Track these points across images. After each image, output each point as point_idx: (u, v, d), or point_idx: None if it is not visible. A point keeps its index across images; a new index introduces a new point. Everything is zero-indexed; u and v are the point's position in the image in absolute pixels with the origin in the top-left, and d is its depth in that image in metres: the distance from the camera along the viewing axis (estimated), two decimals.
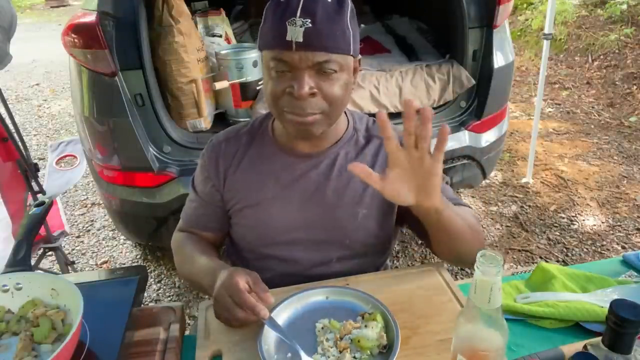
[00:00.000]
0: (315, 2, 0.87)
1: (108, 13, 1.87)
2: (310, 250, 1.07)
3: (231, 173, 1.08)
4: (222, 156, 1.09)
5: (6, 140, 1.96)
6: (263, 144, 1.09)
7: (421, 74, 2.28)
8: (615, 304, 0.63)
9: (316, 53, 0.88)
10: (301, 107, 0.92)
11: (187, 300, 2.35)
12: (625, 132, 3.99)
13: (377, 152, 1.07)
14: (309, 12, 0.86)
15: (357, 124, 1.11)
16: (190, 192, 1.17)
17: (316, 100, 0.92)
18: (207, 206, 1.13)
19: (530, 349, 0.84)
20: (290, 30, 0.86)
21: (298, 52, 0.87)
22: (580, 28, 5.40)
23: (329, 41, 0.88)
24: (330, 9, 0.88)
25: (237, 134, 1.12)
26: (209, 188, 1.11)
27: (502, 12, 2.19)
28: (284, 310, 0.90)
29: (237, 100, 2.18)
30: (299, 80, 0.89)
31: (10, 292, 0.87)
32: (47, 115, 5.11)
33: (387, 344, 0.82)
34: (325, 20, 0.87)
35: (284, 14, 0.87)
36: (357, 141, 1.08)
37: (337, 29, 0.88)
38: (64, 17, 8.76)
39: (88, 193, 3.41)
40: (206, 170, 1.11)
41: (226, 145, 1.10)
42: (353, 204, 1.04)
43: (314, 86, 0.90)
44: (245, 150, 1.09)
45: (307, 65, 0.89)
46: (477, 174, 2.38)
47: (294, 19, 0.86)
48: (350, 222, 1.05)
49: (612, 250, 2.60)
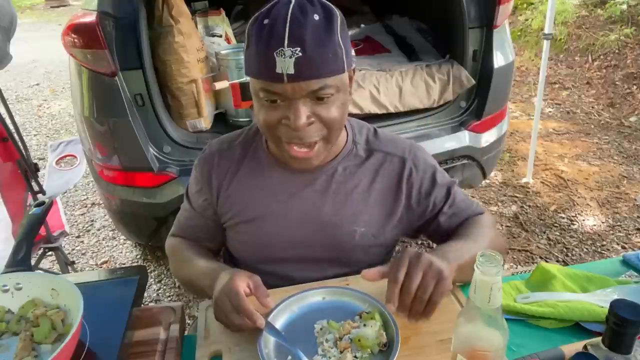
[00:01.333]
0: (302, 25, 0.80)
1: (108, 13, 1.87)
2: (305, 268, 1.05)
3: (224, 189, 1.06)
4: (215, 171, 1.06)
5: (6, 140, 1.96)
6: (257, 158, 1.05)
7: (421, 74, 2.28)
8: (615, 304, 0.63)
9: (310, 82, 0.82)
10: (299, 137, 0.88)
11: (187, 300, 2.35)
12: (625, 132, 3.99)
13: (378, 167, 1.04)
14: (298, 38, 0.80)
15: (357, 136, 1.06)
16: (185, 201, 1.15)
17: (315, 127, 0.88)
18: (200, 219, 1.11)
19: (530, 349, 0.83)
20: (279, 62, 0.80)
21: (291, 83, 0.82)
22: (580, 28, 5.39)
23: (322, 67, 0.82)
24: (319, 29, 0.82)
25: (230, 145, 1.08)
26: (201, 201, 1.09)
27: (502, 12, 2.19)
28: (281, 313, 0.90)
29: (237, 100, 2.18)
30: (295, 111, 0.84)
31: (10, 292, 0.87)
32: (47, 115, 5.11)
33: (387, 341, 0.82)
34: (315, 45, 0.81)
35: (269, 42, 0.81)
36: (357, 155, 1.04)
37: (329, 52, 0.82)
38: (64, 17, 8.75)
39: (88, 193, 3.41)
40: (199, 184, 1.09)
41: (219, 159, 1.06)
42: (350, 222, 1.02)
43: (310, 114, 0.86)
44: (238, 165, 1.05)
45: (302, 95, 0.84)
46: (477, 174, 2.38)
47: (282, 50, 0.79)
48: (348, 240, 1.03)
49: (612, 250, 2.60)
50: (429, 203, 1.05)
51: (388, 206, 1.04)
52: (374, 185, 1.03)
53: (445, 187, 1.06)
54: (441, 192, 1.05)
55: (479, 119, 2.26)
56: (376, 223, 1.04)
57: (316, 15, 0.82)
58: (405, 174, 1.03)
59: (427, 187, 1.05)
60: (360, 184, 1.03)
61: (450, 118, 2.30)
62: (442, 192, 1.05)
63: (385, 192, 1.04)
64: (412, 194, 1.05)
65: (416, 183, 1.04)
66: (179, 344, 0.90)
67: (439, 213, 1.05)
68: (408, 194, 1.04)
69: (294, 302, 0.92)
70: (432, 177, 1.05)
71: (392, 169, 1.04)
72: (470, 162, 2.29)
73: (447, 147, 2.19)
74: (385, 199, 1.04)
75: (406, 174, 1.03)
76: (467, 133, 2.24)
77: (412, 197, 1.05)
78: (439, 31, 2.66)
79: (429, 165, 1.06)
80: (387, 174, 1.04)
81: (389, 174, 1.04)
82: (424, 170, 1.05)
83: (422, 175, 1.05)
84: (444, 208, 1.05)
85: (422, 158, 1.06)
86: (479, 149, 2.28)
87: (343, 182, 1.02)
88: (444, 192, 1.06)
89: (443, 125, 2.27)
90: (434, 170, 1.06)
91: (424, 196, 1.05)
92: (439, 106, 2.31)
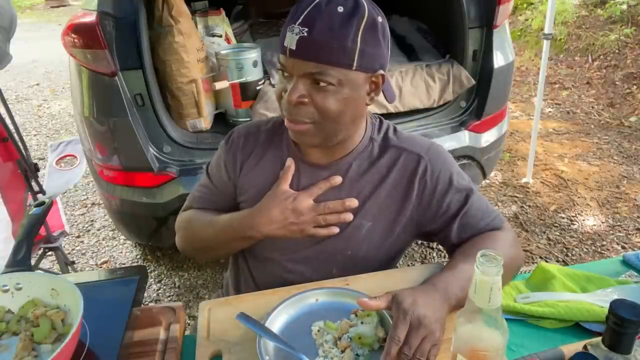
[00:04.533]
0: (320, 11, 0.85)
1: (108, 13, 1.87)
2: (310, 259, 1.06)
3: (246, 169, 1.08)
4: (240, 150, 1.09)
5: (6, 140, 1.96)
6: (280, 147, 1.08)
7: (421, 74, 2.28)
8: (615, 304, 0.63)
9: (308, 63, 0.86)
10: (291, 112, 0.91)
11: (187, 300, 2.35)
12: (625, 132, 3.99)
13: (392, 163, 1.03)
14: (309, 20, 0.84)
15: (375, 134, 1.06)
16: (204, 178, 1.16)
17: (306, 109, 0.90)
18: (218, 195, 1.13)
19: (530, 349, 0.84)
20: (288, 36, 0.86)
21: (291, 59, 0.87)
22: (580, 28, 5.40)
23: (323, 53, 0.85)
24: (335, 19, 0.84)
25: (257, 130, 1.11)
26: (224, 179, 1.11)
27: (502, 12, 2.19)
28: (277, 317, 0.89)
29: (237, 100, 2.18)
30: (292, 86, 0.89)
31: (10, 292, 0.87)
32: (47, 115, 5.11)
33: (386, 336, 0.82)
34: (324, 32, 0.84)
35: (291, 18, 0.87)
36: (372, 152, 1.04)
37: (336, 42, 0.85)
38: (64, 17, 8.75)
39: (88, 193, 3.41)
40: (223, 162, 1.11)
41: (245, 141, 1.10)
42: (359, 216, 1.02)
43: (305, 95, 0.89)
44: (261, 151, 1.08)
45: (300, 74, 0.88)
46: (477, 174, 2.38)
47: (293, 26, 0.86)
48: (354, 234, 1.03)
49: (612, 250, 2.60)
50: (442, 206, 1.01)
51: (398, 203, 1.03)
52: (386, 180, 1.02)
53: (463, 193, 1.02)
54: (457, 197, 1.01)
55: (479, 119, 2.26)
56: (384, 219, 1.03)
57: (340, 7, 0.86)
58: (419, 171, 1.01)
59: (442, 189, 1.01)
60: (372, 180, 1.03)
61: (450, 118, 2.30)
62: (458, 197, 1.01)
63: (397, 188, 1.02)
64: (425, 193, 1.02)
65: (430, 183, 1.01)
66: (179, 344, 0.90)
67: (452, 220, 1.01)
68: (420, 192, 1.02)
69: (288, 305, 0.92)
70: (449, 179, 1.02)
71: (406, 165, 1.02)
72: (470, 162, 2.29)
73: (447, 147, 2.16)
74: (396, 194, 1.03)
75: (420, 171, 1.01)
76: (467, 133, 2.25)
77: (424, 196, 1.02)
78: (439, 31, 2.66)
79: (447, 167, 1.03)
80: (400, 169, 1.02)
81: (401, 170, 1.02)
82: (441, 170, 1.02)
83: (437, 176, 1.01)
84: (458, 215, 1.01)
85: (440, 159, 1.03)
86: (479, 149, 2.28)
87: (356, 179, 1.03)
88: (461, 197, 1.01)
89: (443, 125, 2.27)
90: (452, 173, 1.02)
91: (437, 198, 1.01)
92: (439, 106, 2.31)
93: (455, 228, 1.01)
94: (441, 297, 0.84)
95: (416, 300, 0.80)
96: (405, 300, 0.80)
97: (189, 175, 1.98)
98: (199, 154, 2.05)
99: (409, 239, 1.10)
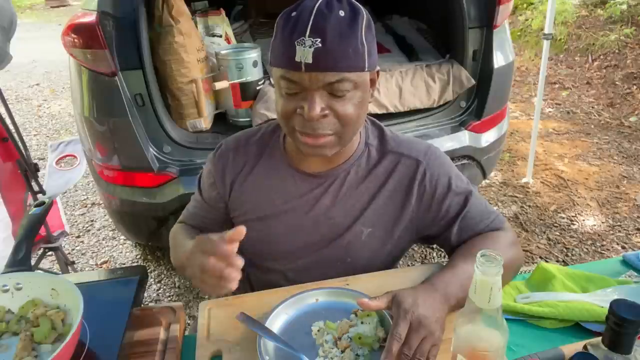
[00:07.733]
0: (326, 19, 0.82)
1: (108, 13, 1.87)
2: (310, 268, 1.06)
3: (238, 185, 1.06)
4: (229, 166, 1.07)
5: (6, 140, 1.96)
6: (273, 157, 1.05)
7: (421, 74, 2.28)
8: (615, 304, 0.63)
9: (327, 73, 0.83)
10: (312, 127, 0.88)
11: (187, 300, 2.35)
12: (625, 132, 3.99)
13: (390, 169, 1.02)
14: (319, 30, 0.81)
15: (370, 138, 1.05)
16: (196, 192, 1.16)
17: (328, 121, 0.88)
18: (209, 210, 1.12)
19: (530, 349, 0.84)
20: (299, 50, 0.82)
21: (308, 73, 0.83)
22: (580, 28, 5.39)
23: (341, 61, 0.83)
24: (342, 24, 0.83)
25: (247, 142, 1.08)
26: (214, 194, 1.10)
27: (502, 12, 2.19)
28: (277, 317, 0.89)
29: (237, 100, 2.18)
30: (310, 102, 0.85)
31: (10, 292, 0.87)
32: (47, 115, 5.11)
33: (386, 336, 0.82)
34: (336, 39, 0.82)
35: (293, 31, 0.83)
36: (370, 157, 1.03)
37: (349, 47, 0.83)
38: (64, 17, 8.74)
39: (88, 193, 3.41)
40: (212, 177, 1.09)
41: (234, 155, 1.07)
42: (358, 223, 1.02)
43: (325, 107, 0.86)
44: (254, 163, 1.06)
45: (318, 86, 0.85)
46: (477, 174, 2.38)
47: (303, 39, 0.81)
48: (354, 240, 1.03)
49: (612, 250, 2.60)
50: (442, 210, 1.01)
51: (397, 208, 1.03)
52: (384, 186, 1.02)
53: (462, 195, 1.02)
54: (456, 200, 1.01)
55: (479, 119, 2.26)
56: (384, 224, 1.03)
57: (342, 11, 0.84)
58: (418, 176, 1.01)
59: (441, 192, 1.01)
60: (371, 186, 1.02)
61: (450, 118, 2.30)
62: (457, 200, 1.01)
63: (395, 194, 1.02)
64: (424, 198, 1.02)
65: (429, 187, 1.01)
66: (179, 344, 0.90)
67: (451, 223, 1.01)
68: (419, 197, 1.02)
69: (288, 305, 0.92)
70: (447, 182, 1.01)
71: (405, 170, 1.02)
72: (470, 162, 2.29)
73: (447, 147, 2.19)
74: (395, 200, 1.02)
75: (419, 177, 1.01)
76: (467, 133, 2.24)
77: (423, 201, 1.02)
78: (439, 31, 2.66)
79: (446, 170, 1.03)
80: (399, 175, 1.02)
81: (400, 176, 1.02)
82: (440, 174, 1.02)
83: (436, 180, 1.01)
84: (457, 218, 1.01)
85: (438, 162, 1.03)
86: (479, 149, 2.28)
87: (354, 185, 1.02)
88: (460, 200, 1.01)
89: (443, 125, 2.27)
90: (450, 176, 1.02)
91: (436, 202, 1.01)
92: (439, 106, 2.31)
93: (455, 231, 1.01)
94: (441, 297, 0.84)
95: (416, 301, 0.80)
96: (406, 301, 0.80)
97: (189, 175, 1.98)
98: (199, 154, 2.05)
99: (408, 243, 1.10)
